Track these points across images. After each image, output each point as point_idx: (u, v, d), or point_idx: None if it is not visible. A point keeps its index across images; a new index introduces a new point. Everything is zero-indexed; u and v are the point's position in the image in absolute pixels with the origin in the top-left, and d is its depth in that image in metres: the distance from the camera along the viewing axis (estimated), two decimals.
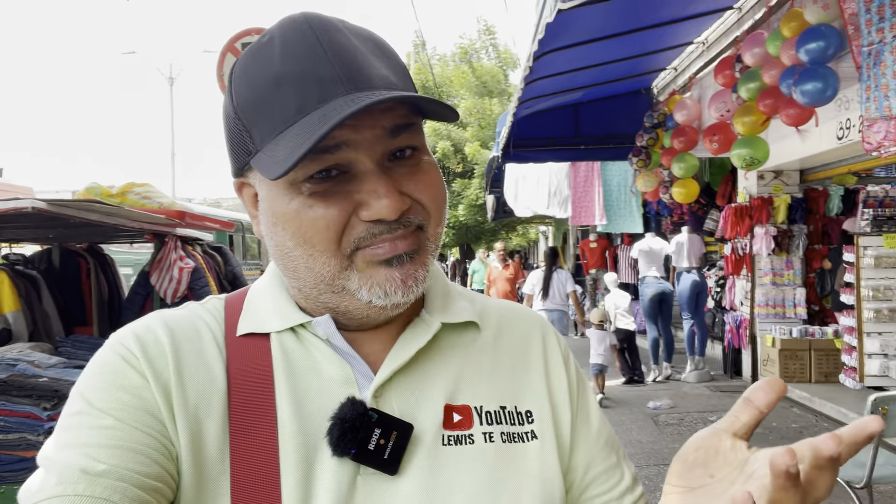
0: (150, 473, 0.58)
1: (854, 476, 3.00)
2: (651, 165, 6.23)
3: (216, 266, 4.63)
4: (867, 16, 3.14)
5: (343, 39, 0.62)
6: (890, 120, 3.11)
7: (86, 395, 0.61)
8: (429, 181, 0.66)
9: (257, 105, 0.62)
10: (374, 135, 0.62)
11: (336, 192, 0.62)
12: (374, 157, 0.62)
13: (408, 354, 0.68)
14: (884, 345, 4.86)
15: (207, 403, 0.63)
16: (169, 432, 0.61)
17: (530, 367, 0.76)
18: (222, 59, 4.79)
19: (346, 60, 0.61)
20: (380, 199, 0.61)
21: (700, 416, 6.13)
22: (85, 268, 4.56)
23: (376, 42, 0.66)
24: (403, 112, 0.63)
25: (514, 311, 0.82)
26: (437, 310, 0.73)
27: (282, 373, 0.66)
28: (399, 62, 0.68)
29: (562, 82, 5.85)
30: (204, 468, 0.61)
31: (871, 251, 4.92)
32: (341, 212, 0.62)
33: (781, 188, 6.77)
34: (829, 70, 3.49)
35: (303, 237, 0.63)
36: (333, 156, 0.61)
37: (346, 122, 0.57)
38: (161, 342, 0.65)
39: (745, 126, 4.24)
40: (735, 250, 7.00)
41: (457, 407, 0.69)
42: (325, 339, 0.68)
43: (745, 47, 4.21)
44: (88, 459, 0.56)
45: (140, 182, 4.30)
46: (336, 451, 0.61)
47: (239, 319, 0.70)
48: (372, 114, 0.61)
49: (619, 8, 4.15)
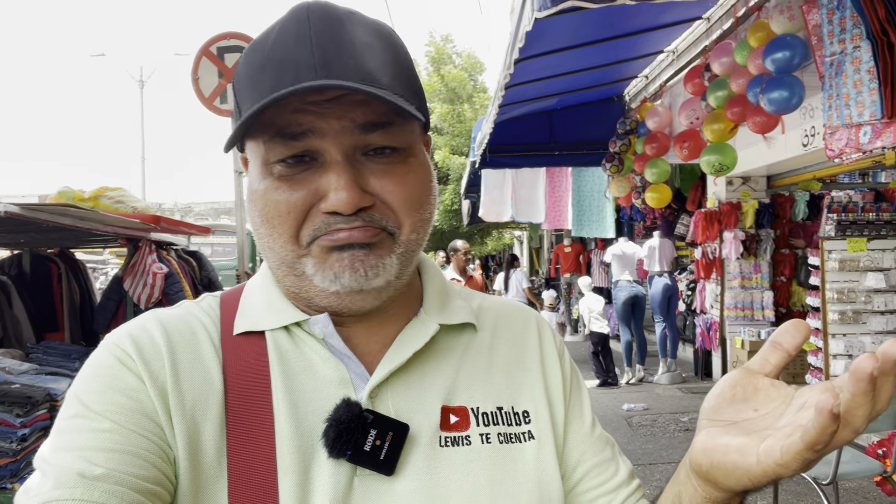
0: (148, 477, 0.57)
1: (820, 473, 3.10)
2: (624, 171, 6.33)
3: (191, 271, 4.60)
4: (829, 27, 3.26)
5: (338, 30, 0.62)
6: (851, 128, 3.22)
7: (82, 398, 0.61)
8: (401, 182, 0.65)
9: (245, 85, 0.64)
10: (341, 126, 0.61)
11: (302, 179, 0.63)
12: (341, 149, 0.62)
13: (405, 356, 0.68)
14: (848, 346, 5.00)
15: (204, 405, 0.63)
16: (166, 434, 0.61)
17: (527, 366, 0.76)
18: (197, 62, 4.76)
19: (328, 49, 0.61)
20: (337, 192, 0.61)
21: (672, 416, 6.23)
22: (56, 273, 4.50)
23: (382, 38, 0.65)
24: (382, 109, 0.62)
25: (510, 309, 0.82)
26: (434, 311, 0.73)
27: (278, 374, 0.66)
28: (402, 62, 0.67)
29: (536, 89, 5.92)
30: (201, 470, 0.61)
31: (835, 255, 5.07)
32: (303, 199, 0.63)
33: (749, 194, 6.93)
34: (794, 79, 3.60)
35: (266, 217, 0.64)
36: (300, 142, 0.62)
37: (306, 106, 0.60)
38: (157, 343, 0.65)
39: (714, 133, 4.35)
40: (705, 254, 7.15)
41: (453, 408, 0.69)
42: (322, 338, 0.68)
43: (714, 56, 4.32)
44: (85, 463, 0.56)
45: (113, 186, 4.26)
46: (332, 452, 0.61)
47: (235, 317, 0.70)
48: (342, 105, 0.61)
49: (593, 17, 4.22)
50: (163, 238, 4.49)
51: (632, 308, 7.99)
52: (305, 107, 0.61)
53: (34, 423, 2.82)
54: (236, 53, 4.75)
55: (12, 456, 2.75)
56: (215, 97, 4.73)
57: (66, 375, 3.28)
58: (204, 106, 4.74)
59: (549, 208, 9.52)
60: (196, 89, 4.75)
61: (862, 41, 3.01)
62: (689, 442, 4.65)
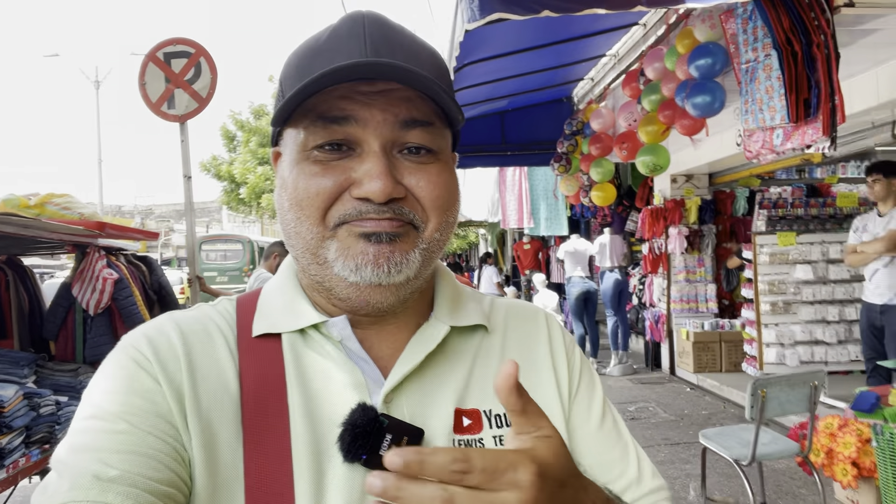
0: (163, 479, 0.57)
1: (741, 454, 3.30)
2: (571, 171, 6.53)
3: (141, 276, 4.62)
4: (744, 36, 3.47)
5: (391, 34, 0.64)
6: (765, 131, 3.44)
7: (98, 399, 0.61)
8: (433, 181, 0.66)
9: (293, 73, 0.66)
10: (384, 118, 0.63)
11: (337, 165, 0.64)
12: (380, 140, 0.63)
13: (418, 358, 0.68)
14: (779, 335, 5.27)
15: (220, 407, 0.63)
16: (182, 437, 0.61)
17: (539, 366, 0.76)
18: (144, 68, 4.77)
19: (379, 45, 0.63)
20: (372, 180, 0.61)
21: (622, 406, 6.45)
22: (3, 280, 4.47)
23: (429, 49, 0.68)
24: (424, 109, 0.65)
25: (520, 309, 0.82)
26: (445, 313, 0.73)
27: (293, 377, 0.66)
28: (444, 72, 0.69)
29: (486, 91, 6.07)
30: (217, 473, 0.61)
31: (766, 248, 5.33)
32: (335, 184, 0.63)
33: (692, 191, 7.21)
34: (716, 84, 3.81)
35: (295, 200, 0.64)
36: (341, 128, 0.63)
37: (354, 92, 0.62)
38: (174, 345, 0.65)
39: (649, 135, 4.55)
40: (652, 249, 7.40)
41: (466, 411, 0.69)
42: (339, 340, 0.68)
43: (647, 62, 4.52)
44: (101, 465, 0.56)
45: (60, 193, 4.25)
46: (347, 457, 0.60)
47: (253, 320, 0.70)
48: (388, 98, 0.63)
49: (530, 23, 4.38)
50: (112, 244, 4.51)
51: (584, 303, 8.22)
52: (352, 94, 0.63)
53: None
54: (183, 59, 4.78)
55: None
56: (162, 102, 4.75)
57: (14, 382, 3.31)
58: (151, 111, 4.76)
59: (505, 207, 9.71)
60: (143, 94, 4.77)
61: (771, 50, 3.22)
62: (636, 430, 4.83)
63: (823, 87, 2.92)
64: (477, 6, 3.04)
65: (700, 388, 6.83)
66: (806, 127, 3.11)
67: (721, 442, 3.42)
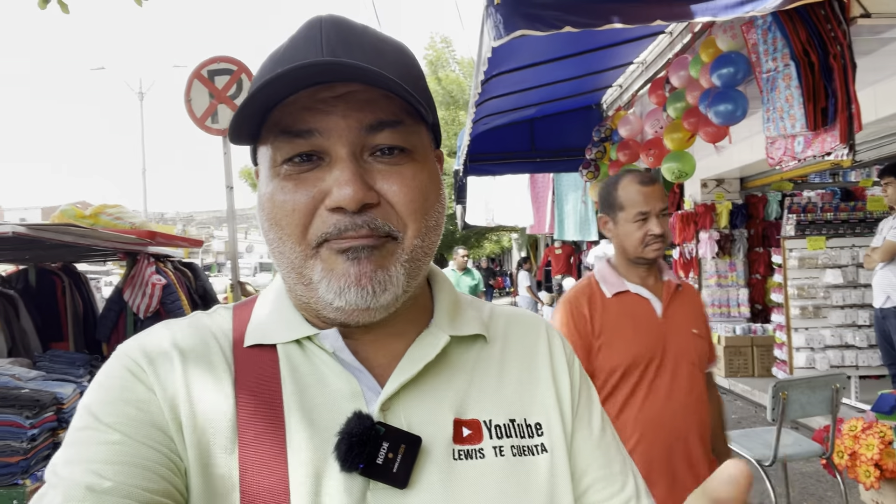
0: (157, 489, 0.56)
1: (763, 455, 3.36)
2: (600, 177, 6.60)
3: (187, 282, 4.88)
4: (764, 46, 3.54)
5: (349, 36, 0.63)
6: (787, 138, 3.50)
7: (92, 410, 0.60)
8: (407, 184, 0.63)
9: (254, 83, 0.65)
10: (346, 124, 0.61)
11: (308, 178, 0.62)
12: (347, 147, 0.61)
13: (416, 368, 0.67)
14: (809, 339, 5.27)
15: (216, 416, 0.62)
16: (177, 447, 0.60)
17: (539, 377, 0.75)
18: (189, 85, 5.05)
19: (336, 47, 0.62)
20: (342, 187, 0.60)
21: None
22: (60, 286, 4.77)
23: (393, 46, 0.66)
24: (390, 108, 0.62)
25: (520, 318, 0.81)
26: (445, 322, 0.72)
27: (289, 387, 0.65)
28: (412, 68, 0.67)
29: (515, 100, 6.20)
30: (213, 483, 0.60)
31: (795, 253, 5.33)
32: (309, 198, 0.62)
33: (723, 195, 7.21)
34: (738, 93, 3.87)
35: (274, 219, 0.63)
36: (306, 140, 0.61)
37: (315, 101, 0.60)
38: (169, 354, 0.65)
39: (674, 142, 4.62)
40: (683, 254, 7.42)
41: (466, 421, 0.67)
42: (332, 352, 0.67)
43: (673, 70, 4.60)
44: (94, 476, 0.55)
45: (112, 203, 4.54)
46: (344, 466, 0.60)
47: (247, 330, 0.70)
48: (349, 103, 0.61)
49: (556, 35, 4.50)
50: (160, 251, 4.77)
51: None
52: (313, 105, 0.61)
53: (42, 424, 3.10)
54: (226, 76, 5.05)
55: (23, 454, 3.03)
56: (207, 117, 5.02)
57: (71, 381, 3.57)
58: (196, 126, 5.03)
59: (535, 213, 9.80)
60: (189, 110, 5.04)
61: (789, 60, 3.29)
62: None
63: (840, 96, 2.99)
64: (502, 24, 3.19)
65: (731, 393, 6.82)
66: (825, 135, 3.18)
67: (744, 443, 3.49)
